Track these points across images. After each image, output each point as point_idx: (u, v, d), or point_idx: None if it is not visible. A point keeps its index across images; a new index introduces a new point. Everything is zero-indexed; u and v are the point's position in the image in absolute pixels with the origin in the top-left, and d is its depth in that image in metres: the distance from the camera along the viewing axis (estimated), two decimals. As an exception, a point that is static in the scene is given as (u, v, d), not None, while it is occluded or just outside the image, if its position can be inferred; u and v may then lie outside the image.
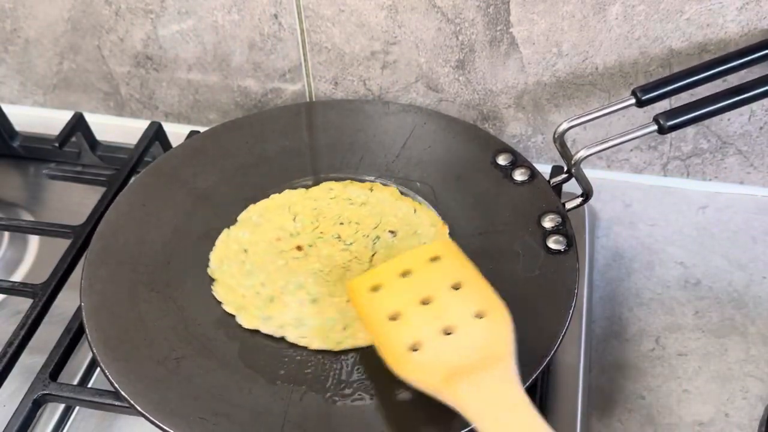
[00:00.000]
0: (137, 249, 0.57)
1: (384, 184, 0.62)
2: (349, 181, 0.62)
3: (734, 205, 0.69)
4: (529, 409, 0.41)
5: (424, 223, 0.59)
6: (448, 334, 0.46)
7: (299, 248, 0.57)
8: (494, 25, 0.63)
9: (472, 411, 0.41)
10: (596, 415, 0.55)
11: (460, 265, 0.50)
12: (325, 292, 0.54)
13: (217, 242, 0.58)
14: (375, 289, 0.50)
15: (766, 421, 0.52)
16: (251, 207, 0.60)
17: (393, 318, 0.47)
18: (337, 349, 0.51)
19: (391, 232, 0.58)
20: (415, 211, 0.59)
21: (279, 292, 0.54)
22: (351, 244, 0.57)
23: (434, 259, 0.51)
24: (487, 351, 0.44)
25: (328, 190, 0.62)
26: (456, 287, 0.49)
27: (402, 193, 0.61)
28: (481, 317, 0.46)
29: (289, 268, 0.56)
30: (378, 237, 0.58)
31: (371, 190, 0.61)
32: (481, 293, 0.48)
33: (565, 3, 0.60)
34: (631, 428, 0.54)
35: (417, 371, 0.44)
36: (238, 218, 0.59)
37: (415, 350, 0.45)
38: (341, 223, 0.59)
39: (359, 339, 0.51)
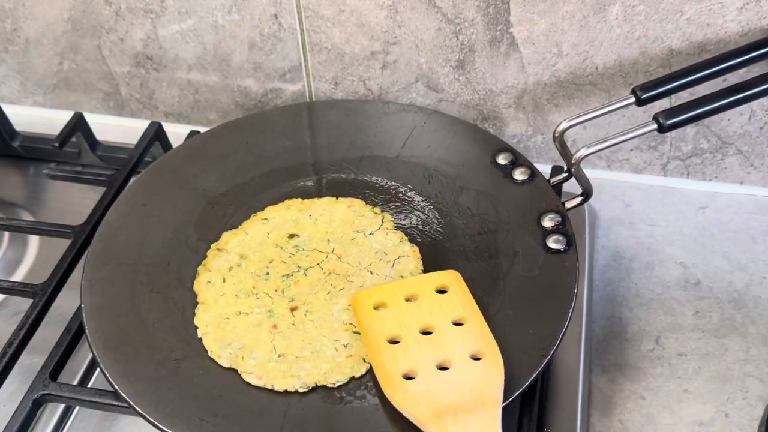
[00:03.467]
0: (137, 249, 0.57)
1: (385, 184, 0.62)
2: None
3: (734, 205, 0.69)
4: None
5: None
6: (443, 369, 0.46)
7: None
8: (494, 25, 0.63)
9: None
10: (596, 415, 0.55)
11: (465, 302, 0.50)
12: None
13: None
14: (378, 306, 0.50)
15: (766, 421, 0.52)
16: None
17: (392, 341, 0.48)
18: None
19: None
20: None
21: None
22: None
23: (441, 289, 0.51)
24: (478, 393, 0.45)
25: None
26: (457, 323, 0.49)
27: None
28: (477, 359, 0.47)
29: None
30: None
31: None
32: (481, 335, 0.48)
33: (565, 3, 0.60)
34: (631, 428, 0.54)
35: (407, 400, 0.45)
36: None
37: (409, 378, 0.46)
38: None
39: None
